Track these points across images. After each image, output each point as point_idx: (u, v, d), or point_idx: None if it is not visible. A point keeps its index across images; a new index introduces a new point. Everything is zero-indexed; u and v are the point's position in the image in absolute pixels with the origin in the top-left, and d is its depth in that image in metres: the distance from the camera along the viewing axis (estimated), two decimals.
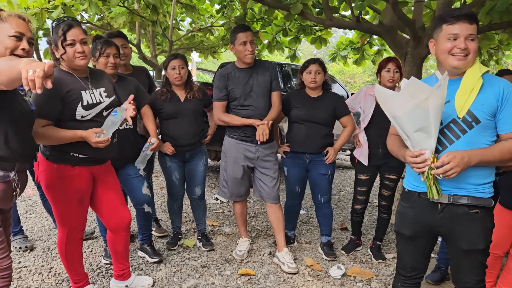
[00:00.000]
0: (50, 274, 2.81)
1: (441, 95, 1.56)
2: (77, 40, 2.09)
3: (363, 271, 3.04)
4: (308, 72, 3.08)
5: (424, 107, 1.56)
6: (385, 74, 3.08)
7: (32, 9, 4.76)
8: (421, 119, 1.59)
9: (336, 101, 3.15)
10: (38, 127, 2.03)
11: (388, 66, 3.07)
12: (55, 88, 2.06)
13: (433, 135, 1.61)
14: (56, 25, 2.12)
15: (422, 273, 1.93)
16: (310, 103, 3.12)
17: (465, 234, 1.69)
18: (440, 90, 1.55)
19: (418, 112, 1.58)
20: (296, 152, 3.18)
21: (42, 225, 3.76)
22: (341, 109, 3.14)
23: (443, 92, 1.56)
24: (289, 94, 3.29)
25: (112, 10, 6.85)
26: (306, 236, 3.75)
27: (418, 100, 1.56)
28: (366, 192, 3.28)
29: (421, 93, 1.55)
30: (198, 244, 3.36)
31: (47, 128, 2.06)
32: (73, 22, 2.12)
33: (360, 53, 6.61)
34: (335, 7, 4.77)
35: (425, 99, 1.54)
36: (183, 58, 3.09)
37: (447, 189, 1.70)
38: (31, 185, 5.11)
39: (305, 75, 3.10)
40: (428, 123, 1.59)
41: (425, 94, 1.54)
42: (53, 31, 2.12)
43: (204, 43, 8.82)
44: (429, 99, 1.54)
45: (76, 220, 2.28)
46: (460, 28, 1.64)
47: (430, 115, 1.57)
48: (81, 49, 2.10)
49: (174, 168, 3.17)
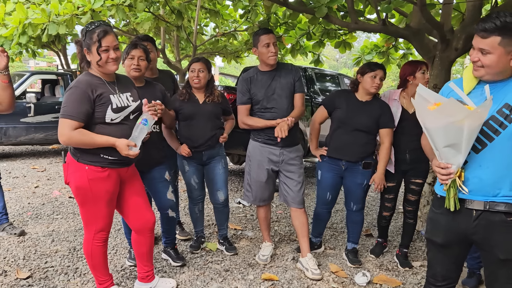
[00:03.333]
0: (75, 275, 2.85)
1: (481, 117, 1.51)
2: (111, 46, 2.14)
3: (389, 279, 2.96)
4: (374, 76, 2.93)
5: (459, 125, 1.51)
6: (420, 76, 3.01)
7: (62, 15, 4.89)
8: (454, 136, 1.55)
9: (383, 109, 3.01)
10: (70, 129, 2.06)
11: (423, 68, 3.03)
12: (86, 91, 2.10)
13: (463, 152, 1.58)
14: (90, 29, 2.14)
15: (454, 282, 1.85)
16: (356, 107, 2.99)
17: (502, 242, 1.62)
18: (481, 113, 1.50)
19: (451, 129, 1.53)
20: (333, 157, 3.08)
21: (68, 226, 3.83)
22: (385, 119, 2.99)
23: (483, 115, 1.51)
24: (335, 94, 3.18)
25: (138, 15, 6.98)
26: (330, 242, 3.69)
27: (453, 119, 1.51)
28: (394, 199, 3.20)
29: (457, 114, 1.50)
30: (220, 247, 3.34)
31: (79, 131, 2.08)
32: (108, 28, 2.16)
33: (386, 57, 6.51)
34: (361, 11, 4.70)
35: (461, 119, 1.50)
36: (206, 62, 3.09)
37: (483, 196, 1.63)
38: (58, 186, 5.23)
39: (369, 79, 2.94)
40: (459, 141, 1.55)
41: (461, 115, 1.50)
42: (87, 35, 2.14)
43: (228, 47, 8.88)
44: (466, 120, 1.49)
45: (103, 221, 2.30)
46: (475, 40, 1.62)
47: (463, 135, 1.53)
48: (114, 55, 2.16)
49: (192, 172, 3.17)
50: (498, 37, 1.55)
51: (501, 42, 1.55)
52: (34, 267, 2.93)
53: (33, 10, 5.13)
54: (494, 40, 1.55)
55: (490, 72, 1.61)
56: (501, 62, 1.57)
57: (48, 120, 7.03)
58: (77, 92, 2.10)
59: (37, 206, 4.42)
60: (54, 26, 4.77)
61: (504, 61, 1.57)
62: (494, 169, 1.61)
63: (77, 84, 2.12)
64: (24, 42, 5.06)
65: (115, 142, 2.12)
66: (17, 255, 3.11)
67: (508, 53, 1.56)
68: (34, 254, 3.16)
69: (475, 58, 1.62)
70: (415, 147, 2.95)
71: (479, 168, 1.63)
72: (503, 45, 1.55)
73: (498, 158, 1.60)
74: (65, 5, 4.77)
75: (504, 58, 1.57)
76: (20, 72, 7.86)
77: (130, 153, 2.13)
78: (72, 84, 2.14)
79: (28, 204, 4.48)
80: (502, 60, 1.57)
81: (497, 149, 1.60)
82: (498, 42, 1.55)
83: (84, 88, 2.10)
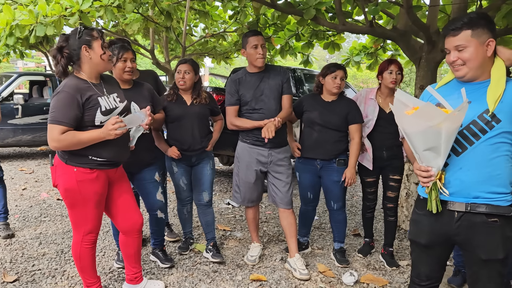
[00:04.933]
0: (63, 278, 2.83)
1: (458, 120, 1.54)
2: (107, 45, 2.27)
3: (376, 278, 3.00)
4: (334, 77, 3.02)
5: (437, 129, 1.55)
6: (387, 75, 3.06)
7: (50, 16, 4.85)
8: (432, 140, 1.58)
9: (350, 106, 3.09)
10: (58, 134, 2.05)
11: (391, 68, 3.05)
12: (75, 96, 2.09)
13: (442, 155, 1.61)
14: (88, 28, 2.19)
15: (437, 282, 1.89)
16: (323, 107, 3.09)
17: (483, 243, 1.65)
18: (458, 116, 1.53)
19: (429, 133, 1.57)
20: (307, 158, 3.16)
21: (56, 228, 3.80)
22: (353, 116, 3.07)
23: (460, 118, 1.54)
24: (303, 98, 3.27)
25: (127, 16, 6.94)
26: (318, 242, 3.71)
27: (431, 124, 1.55)
28: (375, 192, 3.33)
29: (435, 118, 1.54)
30: (206, 255, 3.22)
31: (67, 134, 2.08)
32: None
33: (374, 58, 6.56)
34: (349, 12, 4.75)
35: (438, 123, 1.54)
36: (192, 64, 3.09)
37: (464, 198, 1.67)
38: (46, 189, 5.19)
39: (330, 80, 3.03)
40: (438, 144, 1.58)
41: (439, 119, 1.53)
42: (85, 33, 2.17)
43: (217, 48, 8.87)
44: (443, 123, 1.53)
45: (92, 223, 2.30)
46: (447, 42, 1.69)
47: (441, 137, 1.56)
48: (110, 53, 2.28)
49: (181, 173, 3.17)
50: (468, 30, 1.62)
51: (472, 34, 1.62)
52: (21, 270, 2.91)
53: (21, 11, 5.08)
54: (465, 34, 1.63)
55: (472, 67, 1.64)
56: (479, 54, 1.63)
57: (36, 121, 6.97)
58: (65, 97, 2.09)
59: (25, 208, 4.38)
60: (42, 27, 4.73)
61: (482, 52, 1.63)
62: (474, 172, 1.64)
63: (65, 89, 2.11)
64: (12, 43, 5.02)
65: (101, 131, 2.11)
66: (4, 258, 3.09)
67: (482, 43, 1.62)
68: (21, 257, 3.14)
69: (454, 58, 1.67)
70: (391, 144, 3.11)
71: (460, 171, 1.67)
72: (475, 37, 1.62)
73: (478, 161, 1.63)
74: (52, 6, 4.73)
75: (480, 49, 1.63)
76: (8, 73, 7.77)
77: (118, 132, 2.10)
78: (60, 88, 2.12)
79: (15, 206, 4.44)
80: (479, 51, 1.63)
81: (477, 153, 1.64)
82: (470, 35, 1.62)
83: (72, 93, 2.10)
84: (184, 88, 3.08)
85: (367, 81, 27.84)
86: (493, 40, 1.63)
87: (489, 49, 1.63)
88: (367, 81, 27.84)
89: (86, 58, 2.17)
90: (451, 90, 1.72)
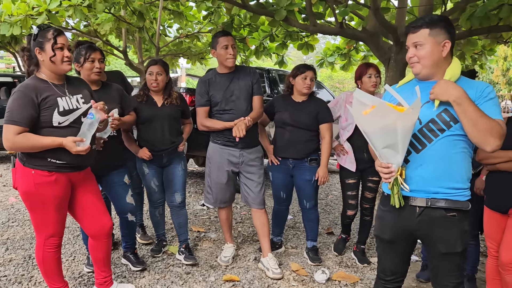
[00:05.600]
0: (30, 284, 2.76)
1: (412, 118, 1.59)
2: (66, 45, 2.15)
3: (348, 275, 3.04)
4: (304, 78, 3.06)
5: (392, 127, 1.60)
6: (367, 80, 3.09)
7: (16, 16, 4.72)
8: (390, 137, 1.63)
9: (320, 106, 3.14)
10: (14, 135, 2.03)
11: (370, 71, 3.09)
12: (30, 95, 2.07)
13: (400, 152, 1.66)
14: (44, 29, 2.14)
15: (402, 277, 1.93)
16: (293, 108, 3.13)
17: (442, 237, 1.71)
18: (412, 114, 1.58)
19: (386, 131, 1.62)
20: (280, 157, 3.18)
21: (24, 233, 3.70)
22: (323, 115, 3.12)
23: (414, 116, 1.59)
24: (274, 99, 3.30)
25: (99, 16, 6.82)
26: (292, 241, 3.74)
27: (386, 122, 1.60)
28: (356, 196, 3.31)
29: (389, 116, 1.59)
30: (179, 257, 3.20)
31: (23, 135, 2.05)
32: (61, 29, 2.18)
33: (347, 59, 6.66)
34: (321, 13, 4.80)
35: (393, 121, 1.58)
36: (163, 65, 3.06)
37: (425, 193, 1.71)
38: (14, 193, 5.05)
39: (300, 80, 3.07)
40: (396, 142, 1.63)
41: (393, 117, 1.58)
42: (39, 34, 2.13)
43: (192, 49, 8.82)
44: (397, 121, 1.58)
45: (53, 227, 2.25)
46: (408, 39, 1.76)
47: (398, 135, 1.61)
48: (68, 54, 2.16)
49: (152, 174, 3.13)
50: (426, 29, 1.70)
51: (430, 33, 1.69)
52: None
53: None
54: (424, 32, 1.70)
55: (426, 65, 1.71)
56: (434, 53, 1.69)
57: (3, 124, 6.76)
58: (20, 96, 2.07)
59: None
60: (7, 26, 4.60)
61: (437, 51, 1.70)
62: (434, 168, 1.69)
63: (21, 89, 2.09)
64: None
65: (62, 141, 2.08)
66: None
67: (439, 43, 1.69)
68: None
69: (410, 55, 1.74)
70: None
71: (420, 167, 1.71)
72: (433, 36, 1.69)
73: (437, 158, 1.68)
74: (18, 5, 4.62)
75: (436, 48, 1.69)
76: None
77: (79, 149, 2.09)
78: (17, 88, 2.11)
79: None
80: (435, 50, 1.69)
81: (436, 150, 1.69)
82: (428, 33, 1.69)
83: (27, 92, 2.07)
84: (157, 89, 3.05)
85: (343, 81, 28.21)
86: (449, 42, 1.69)
87: (445, 50, 1.70)
88: (343, 81, 28.21)
89: (40, 60, 2.15)
90: (410, 89, 1.77)
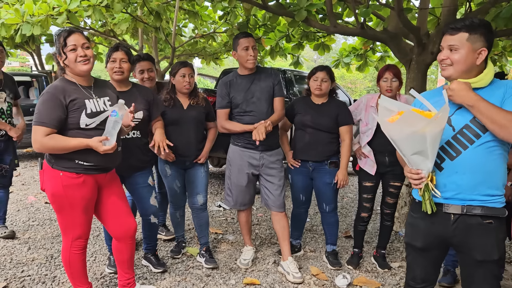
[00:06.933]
0: (54, 283, 2.78)
1: (440, 123, 1.56)
2: (78, 45, 2.12)
3: (369, 281, 3.01)
4: (315, 79, 3.07)
5: (421, 134, 1.57)
6: (383, 84, 3.03)
7: (37, 16, 4.77)
8: (418, 144, 1.60)
9: (340, 108, 3.12)
10: (42, 136, 2.05)
11: (385, 75, 3.00)
12: (59, 97, 2.09)
13: (430, 158, 1.63)
14: (58, 34, 2.16)
15: (432, 284, 1.90)
16: (314, 110, 3.11)
17: (479, 244, 1.67)
18: (440, 119, 1.55)
19: (414, 138, 1.59)
20: (300, 159, 3.16)
21: (45, 232, 3.74)
22: (343, 117, 3.09)
23: (442, 121, 1.56)
24: (294, 101, 3.28)
25: (116, 16, 6.87)
26: (310, 244, 3.72)
27: (414, 129, 1.57)
28: (372, 199, 3.24)
29: (417, 123, 1.56)
30: (199, 260, 3.20)
31: (51, 136, 2.07)
32: (73, 29, 2.17)
33: (363, 60, 6.61)
34: (339, 14, 4.76)
35: (422, 127, 1.56)
36: (192, 67, 3.08)
37: (460, 201, 1.68)
38: (33, 192, 5.10)
39: (312, 82, 3.09)
40: (425, 148, 1.60)
41: (421, 124, 1.56)
42: (56, 40, 2.16)
43: (207, 49, 8.83)
44: (426, 128, 1.55)
45: (80, 228, 2.26)
46: (444, 40, 1.71)
47: (427, 141, 1.58)
48: (82, 53, 2.12)
49: (174, 176, 3.13)
50: (465, 33, 1.64)
51: (468, 38, 1.64)
52: (10, 277, 2.85)
53: (6, 10, 5.00)
54: (462, 36, 1.65)
55: (458, 70, 1.67)
56: (469, 59, 1.65)
57: None
58: (49, 98, 2.09)
59: (12, 212, 4.29)
60: (28, 26, 4.66)
61: (471, 58, 1.65)
62: (470, 175, 1.66)
63: (49, 90, 2.11)
64: None
65: (89, 143, 2.09)
66: None
67: (475, 50, 1.64)
68: (9, 263, 3.07)
69: (444, 57, 1.69)
70: (393, 149, 3.01)
71: (455, 174, 1.68)
72: (470, 41, 1.64)
73: (473, 165, 1.65)
74: (40, 5, 4.66)
75: (471, 55, 1.65)
76: None
77: (106, 148, 2.08)
78: (45, 90, 2.13)
79: None
80: (469, 56, 1.65)
81: (472, 157, 1.65)
82: (466, 38, 1.64)
83: (56, 94, 2.09)
84: (188, 91, 3.05)
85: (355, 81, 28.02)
86: (485, 50, 1.65)
87: (480, 58, 1.65)
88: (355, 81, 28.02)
89: (62, 64, 2.18)
90: (439, 94, 1.74)
